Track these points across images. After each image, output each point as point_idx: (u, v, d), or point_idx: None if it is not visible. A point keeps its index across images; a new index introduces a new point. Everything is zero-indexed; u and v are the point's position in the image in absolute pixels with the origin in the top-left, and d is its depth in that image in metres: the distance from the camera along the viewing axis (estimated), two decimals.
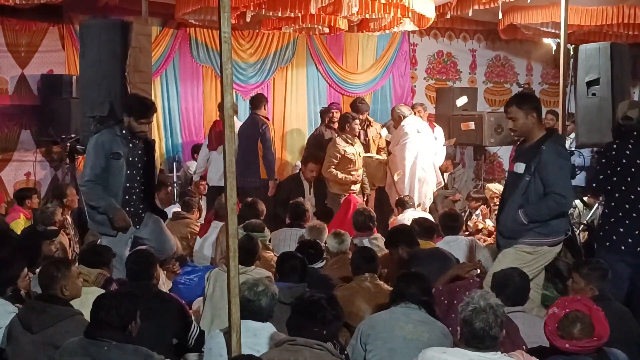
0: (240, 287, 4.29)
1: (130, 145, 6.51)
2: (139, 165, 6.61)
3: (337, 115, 10.72)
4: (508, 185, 5.89)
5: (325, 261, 6.79)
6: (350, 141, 9.88)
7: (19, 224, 8.30)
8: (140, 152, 6.62)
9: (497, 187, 9.90)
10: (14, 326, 4.68)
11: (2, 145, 10.34)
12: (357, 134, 10.16)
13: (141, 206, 6.69)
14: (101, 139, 6.46)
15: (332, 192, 10.01)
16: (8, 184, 10.38)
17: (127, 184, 6.51)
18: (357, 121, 10.09)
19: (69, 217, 8.39)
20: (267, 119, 10.37)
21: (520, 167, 5.59)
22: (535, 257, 5.57)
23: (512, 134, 5.90)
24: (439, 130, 11.20)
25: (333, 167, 9.78)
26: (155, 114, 10.25)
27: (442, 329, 4.68)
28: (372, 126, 10.97)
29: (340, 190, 9.88)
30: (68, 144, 9.00)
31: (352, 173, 9.87)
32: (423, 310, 4.72)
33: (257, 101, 10.39)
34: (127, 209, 6.51)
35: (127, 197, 6.53)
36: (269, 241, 7.63)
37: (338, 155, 9.77)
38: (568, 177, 5.62)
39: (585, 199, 8.81)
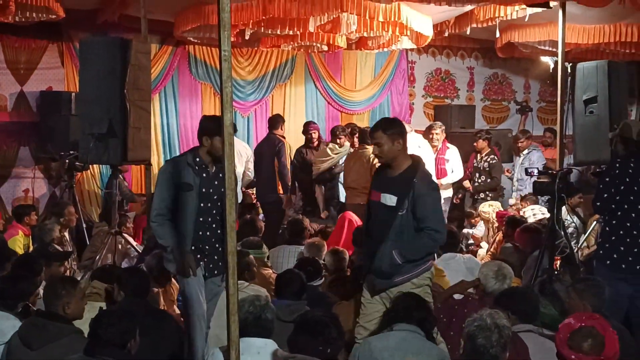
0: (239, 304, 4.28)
1: (204, 174, 5.69)
2: (215, 197, 5.72)
3: (315, 136, 10.68)
4: (375, 217, 5.51)
5: (323, 279, 6.78)
6: None
7: (18, 240, 8.27)
8: (216, 182, 5.71)
9: (487, 209, 9.86)
10: (14, 342, 4.66)
11: (0, 161, 10.35)
12: None
13: (217, 245, 5.73)
14: (170, 168, 5.76)
15: (356, 204, 9.94)
16: (6, 200, 10.39)
17: (201, 219, 5.67)
18: None
19: (66, 234, 8.38)
20: (283, 137, 10.45)
21: (390, 200, 5.34)
22: (422, 288, 5.34)
23: (378, 160, 5.62)
24: (453, 150, 10.82)
25: None
26: (154, 131, 10.47)
27: (440, 354, 4.62)
28: None
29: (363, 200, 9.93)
30: (67, 161, 8.97)
31: None
32: (421, 333, 4.59)
33: (275, 121, 10.57)
34: (201, 245, 5.68)
35: (200, 232, 5.68)
36: (267, 258, 7.62)
37: None
38: (441, 211, 5.50)
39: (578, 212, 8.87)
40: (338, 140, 10.19)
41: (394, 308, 4.80)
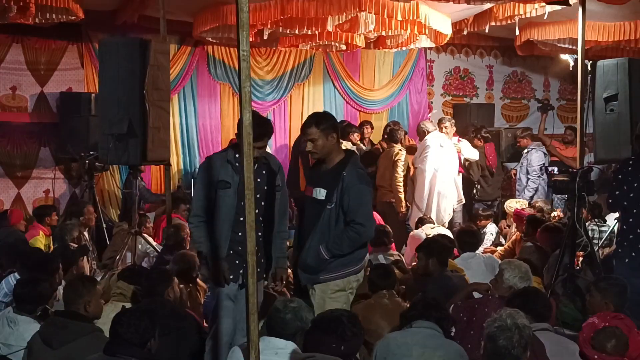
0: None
1: None
2: (257, 195, 5.18)
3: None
4: (307, 212, 5.49)
5: None
6: None
7: (39, 240, 8.34)
8: (259, 179, 5.32)
9: (513, 205, 9.86)
10: (35, 342, 4.70)
11: (21, 162, 10.43)
12: None
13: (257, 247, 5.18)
14: (209, 164, 5.43)
15: (385, 201, 10.19)
16: (27, 201, 10.46)
17: (241, 218, 5.09)
18: None
19: (86, 234, 8.43)
20: None
21: (320, 193, 5.32)
22: (349, 291, 5.37)
23: (312, 156, 5.51)
24: (465, 143, 10.96)
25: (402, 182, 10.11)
26: (173, 131, 10.49)
27: (458, 350, 4.60)
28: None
29: (392, 197, 10.15)
30: (87, 161, 9.03)
31: None
32: (440, 331, 4.60)
33: None
34: (240, 248, 5.25)
35: (239, 233, 5.26)
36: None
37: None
38: (369, 205, 5.44)
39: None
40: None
41: (413, 307, 4.79)
